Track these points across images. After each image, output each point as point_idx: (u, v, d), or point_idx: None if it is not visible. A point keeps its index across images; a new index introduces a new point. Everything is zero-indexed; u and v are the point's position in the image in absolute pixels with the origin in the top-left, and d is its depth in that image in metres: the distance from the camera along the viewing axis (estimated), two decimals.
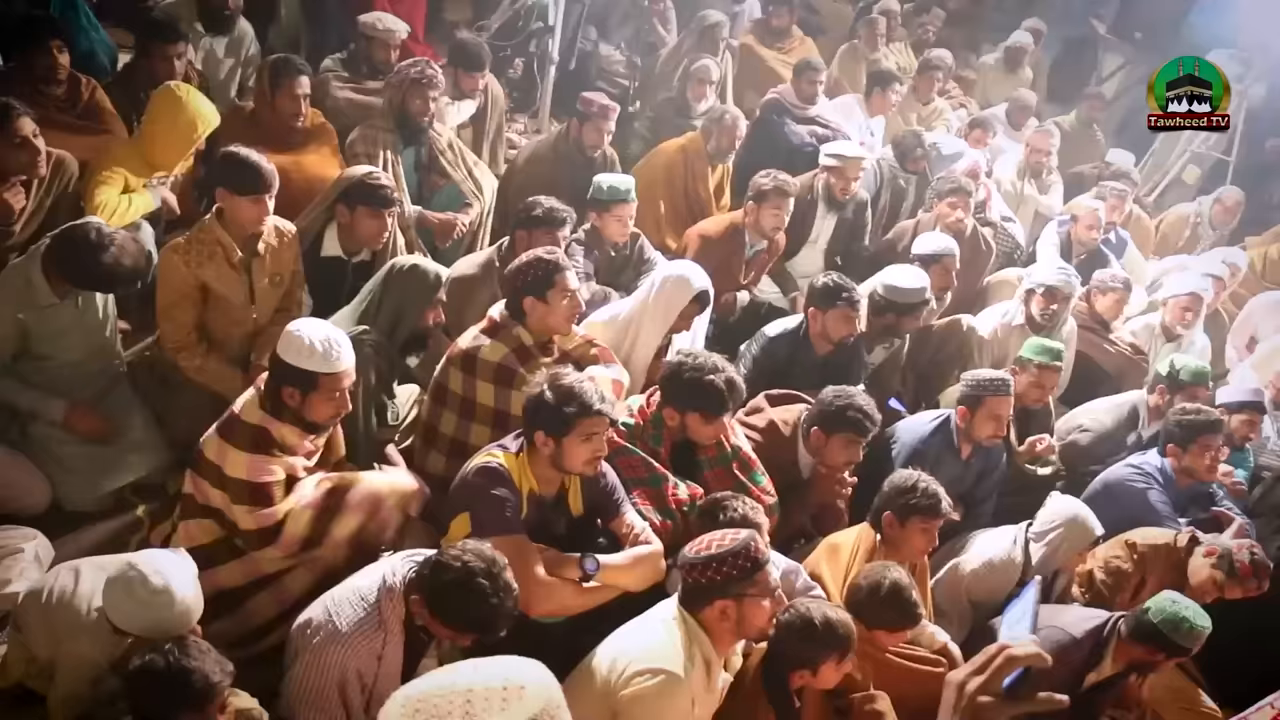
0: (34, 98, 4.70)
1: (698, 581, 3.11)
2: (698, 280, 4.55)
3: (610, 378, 4.14)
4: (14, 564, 3.52)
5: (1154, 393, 5.42)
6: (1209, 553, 4.33)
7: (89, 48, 5.78)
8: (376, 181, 4.62)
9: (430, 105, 5.43)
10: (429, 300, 4.20)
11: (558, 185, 5.41)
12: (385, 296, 4.20)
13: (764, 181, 5.65)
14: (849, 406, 4.16)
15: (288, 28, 6.96)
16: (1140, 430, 5.36)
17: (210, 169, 4.77)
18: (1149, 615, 3.82)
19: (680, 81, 7.21)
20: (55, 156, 4.48)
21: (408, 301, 4.18)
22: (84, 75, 5.09)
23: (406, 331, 4.21)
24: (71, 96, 5.02)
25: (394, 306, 4.18)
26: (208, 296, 4.27)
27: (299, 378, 3.40)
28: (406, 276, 4.20)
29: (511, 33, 7.53)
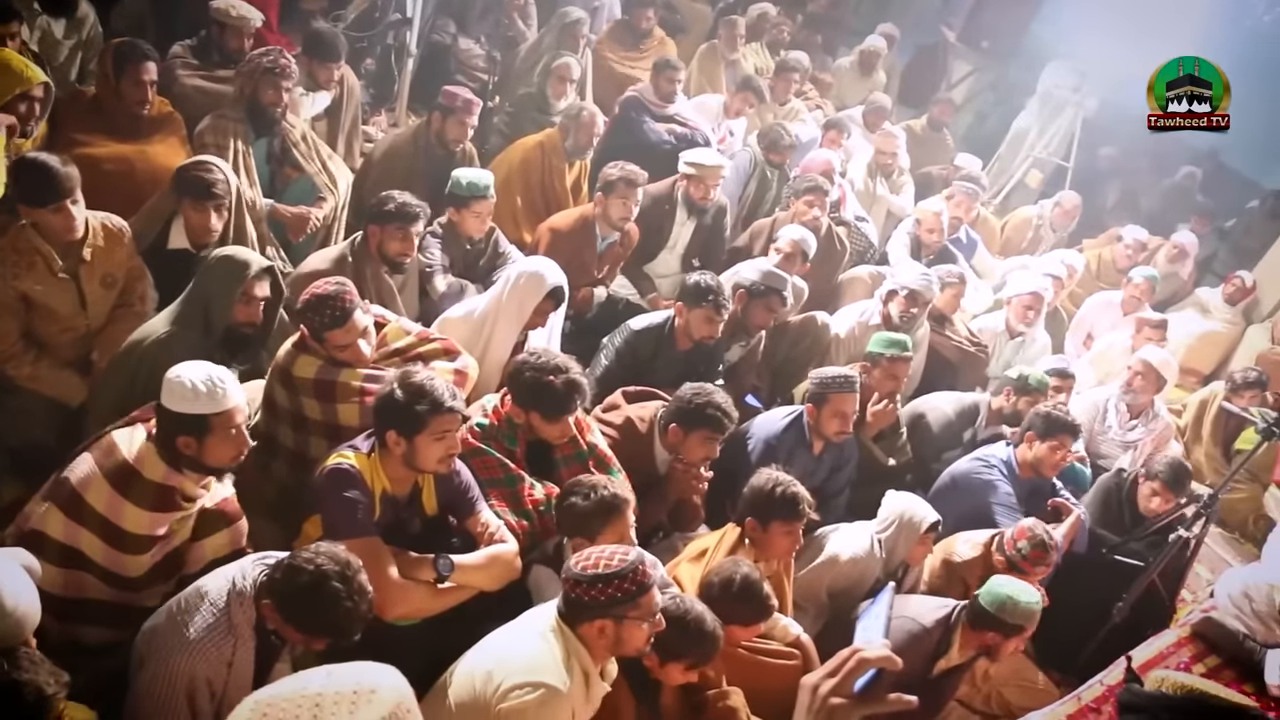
0: None
1: (580, 598, 3.05)
2: (552, 276, 4.55)
3: (452, 368, 4.09)
4: None
5: (1000, 395, 5.63)
6: (999, 563, 4.50)
7: None
8: (198, 172, 4.43)
9: (283, 96, 5.29)
10: (236, 291, 3.93)
11: (415, 179, 5.35)
12: (197, 290, 3.97)
13: (611, 172, 5.67)
14: (708, 404, 4.21)
15: (133, 11, 6.67)
16: (976, 428, 5.55)
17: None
18: (981, 602, 3.98)
19: (540, 77, 7.18)
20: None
21: (217, 294, 3.94)
22: None
23: (219, 326, 3.96)
24: None
25: (204, 300, 3.94)
26: (31, 305, 4.08)
27: (190, 424, 3.21)
28: (215, 266, 3.98)
29: (368, 24, 7.40)
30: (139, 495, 3.26)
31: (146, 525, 3.27)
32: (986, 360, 6.33)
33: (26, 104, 4.47)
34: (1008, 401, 5.54)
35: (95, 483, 3.25)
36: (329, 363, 3.88)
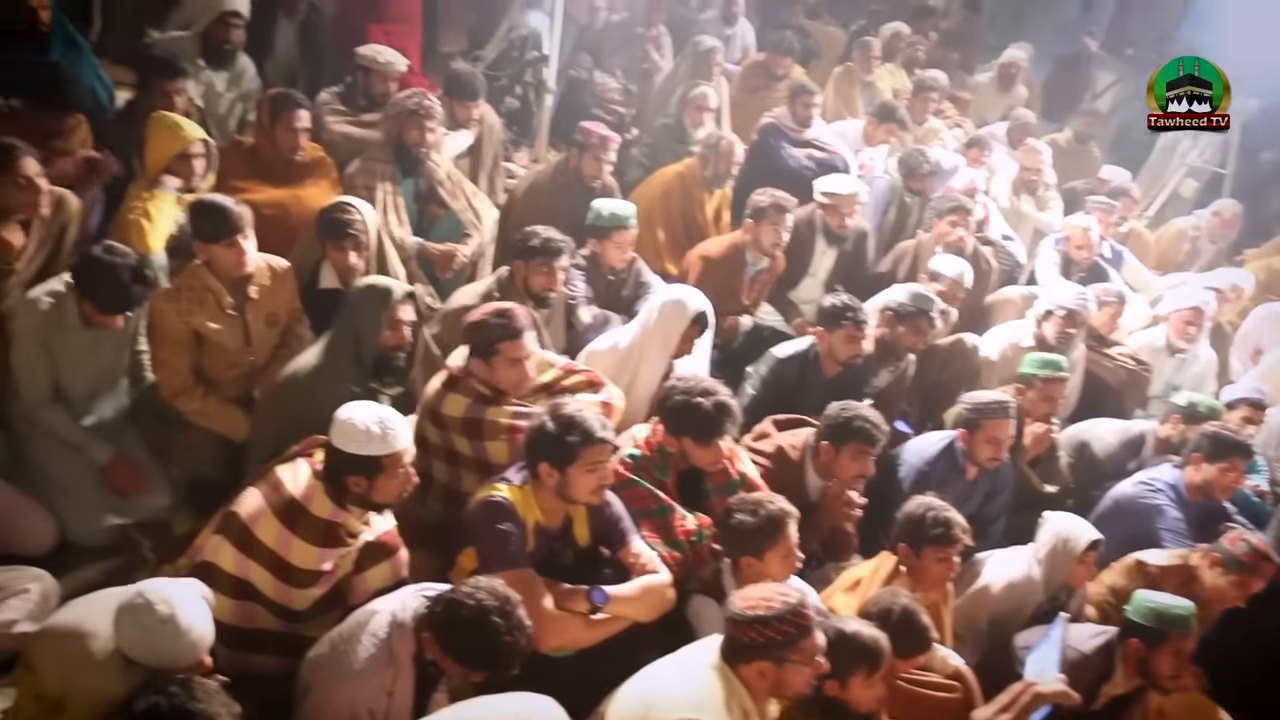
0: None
1: (739, 639, 3.02)
2: (694, 302, 4.55)
3: (598, 401, 4.10)
4: (21, 604, 3.52)
5: (1166, 423, 5.37)
6: (1212, 562, 4.31)
7: (90, 86, 5.79)
8: (336, 214, 4.61)
9: (428, 136, 5.44)
10: (383, 317, 4.06)
11: (557, 214, 5.40)
12: (345, 321, 4.11)
13: (761, 199, 5.69)
14: (856, 417, 4.18)
15: (285, 61, 6.96)
16: (1142, 459, 5.32)
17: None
18: (1127, 614, 3.84)
19: (677, 108, 7.23)
20: (56, 195, 4.48)
21: (365, 323, 4.08)
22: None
23: (370, 354, 4.08)
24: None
25: (354, 330, 4.08)
26: (202, 342, 4.27)
27: (362, 465, 3.31)
28: (361, 297, 4.13)
29: (507, 63, 7.56)
30: (307, 531, 3.35)
31: (314, 560, 3.36)
32: (1149, 380, 6.09)
33: (189, 161, 4.73)
34: (1175, 430, 5.27)
35: (264, 518, 3.36)
36: (477, 401, 3.94)
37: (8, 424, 4.13)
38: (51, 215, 4.45)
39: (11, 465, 4.07)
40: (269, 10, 6.81)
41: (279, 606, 3.40)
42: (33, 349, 4.02)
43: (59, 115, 4.96)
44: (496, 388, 3.95)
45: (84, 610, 3.08)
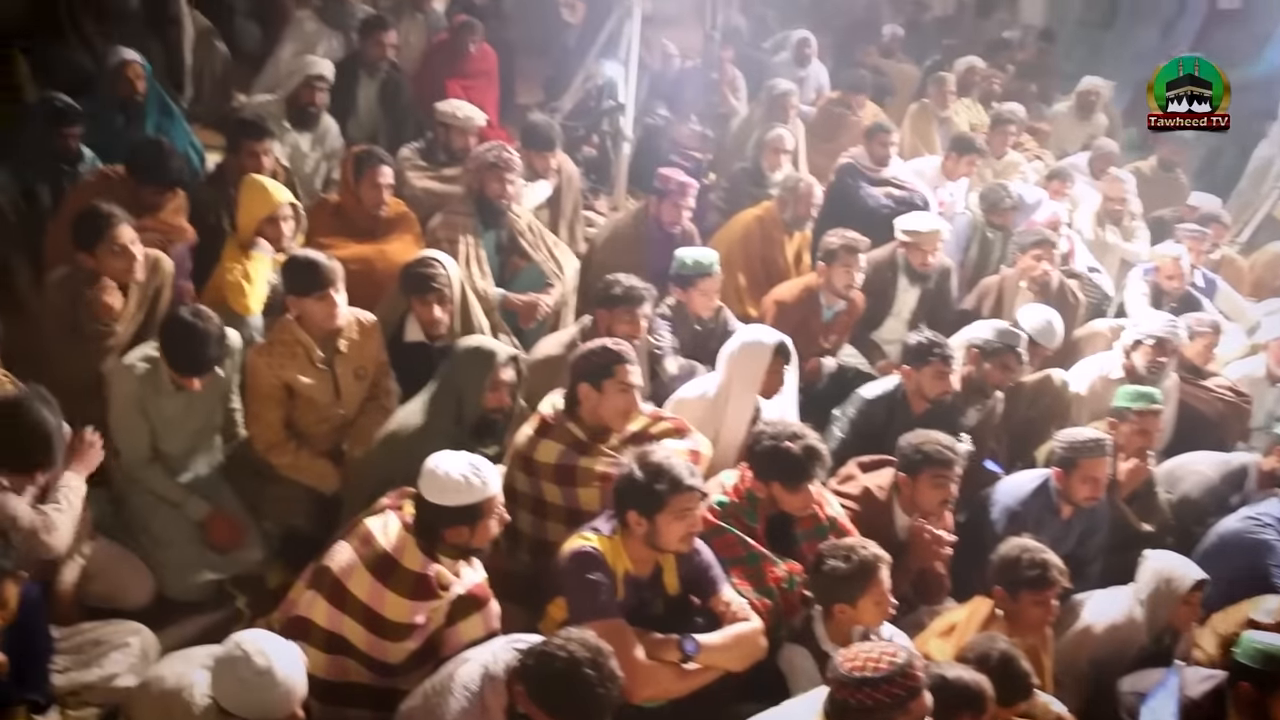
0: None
1: (845, 700, 2.89)
2: (769, 336, 4.57)
3: (686, 448, 4.10)
4: (122, 657, 3.61)
5: (1270, 455, 5.16)
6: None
7: (183, 150, 5.99)
8: (419, 269, 4.67)
9: (508, 188, 5.51)
10: (486, 380, 4.09)
11: (639, 262, 5.44)
12: (448, 381, 4.16)
13: (832, 240, 5.67)
14: (925, 442, 4.17)
15: (367, 119, 7.12)
16: (1245, 493, 5.14)
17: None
18: (1235, 656, 3.67)
19: (754, 151, 7.25)
20: (151, 257, 4.63)
21: (468, 383, 4.11)
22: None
23: (472, 416, 4.12)
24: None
25: (456, 390, 4.12)
26: (293, 395, 4.35)
27: (460, 515, 3.34)
28: (464, 358, 4.16)
29: (583, 112, 7.64)
30: (399, 584, 3.37)
31: (406, 613, 3.37)
32: (1249, 411, 5.91)
33: (278, 224, 4.86)
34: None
35: (357, 572, 3.38)
36: (570, 447, 3.98)
37: (108, 482, 4.23)
38: (146, 278, 4.59)
39: (112, 522, 4.18)
40: (351, 70, 6.99)
41: (372, 660, 3.42)
42: (131, 412, 4.13)
43: (159, 190, 5.11)
44: (598, 426, 4.01)
45: (182, 663, 3.15)
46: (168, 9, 7.21)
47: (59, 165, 5.43)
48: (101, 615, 3.81)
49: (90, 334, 4.44)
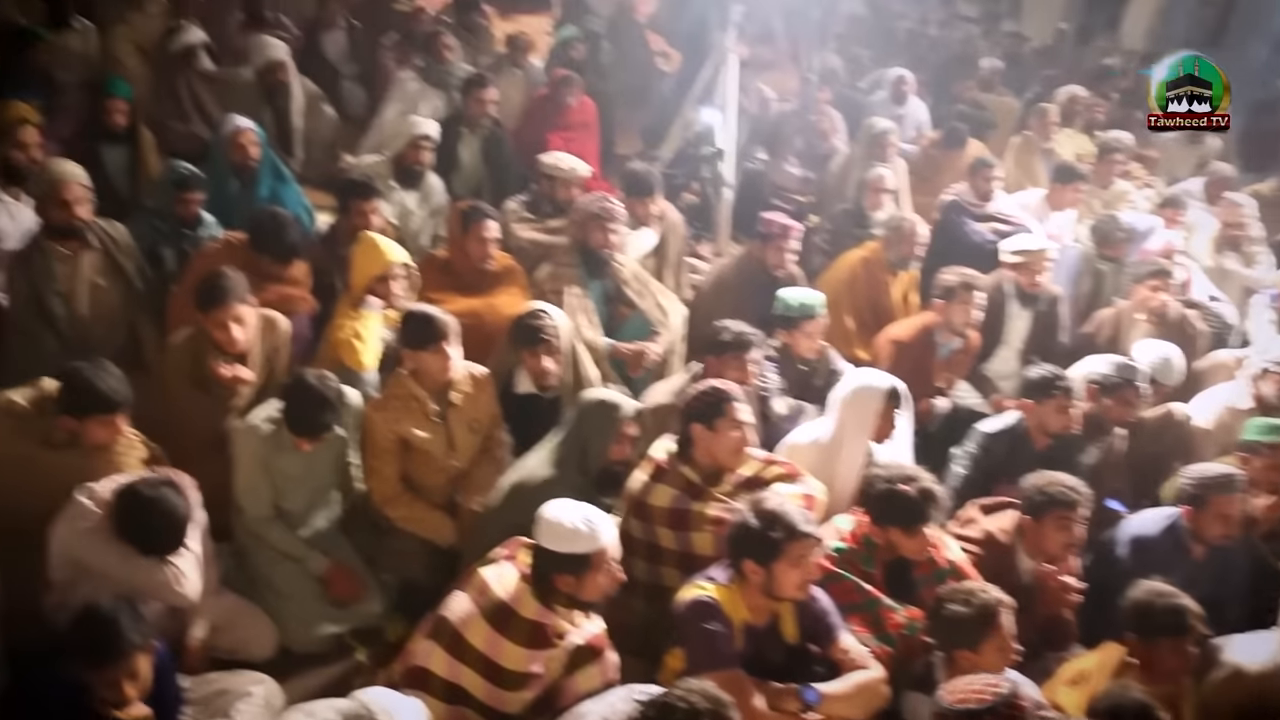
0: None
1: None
2: (881, 380, 4.52)
3: (800, 493, 4.07)
4: (247, 707, 3.64)
5: None
6: None
7: (295, 212, 6.16)
8: (529, 321, 4.72)
9: (612, 238, 5.56)
10: (612, 433, 4.15)
11: (744, 307, 5.42)
12: (574, 432, 4.21)
13: (950, 278, 5.62)
14: (1049, 484, 4.07)
15: (470, 174, 7.25)
16: None
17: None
18: None
19: (856, 192, 7.22)
20: (268, 318, 4.76)
21: (593, 436, 4.15)
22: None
23: (596, 467, 4.16)
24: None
25: (581, 443, 4.17)
26: (409, 449, 4.42)
27: (570, 563, 3.37)
28: (591, 411, 4.21)
29: (683, 160, 7.68)
30: (516, 633, 3.40)
31: (523, 662, 3.39)
32: None
33: (390, 282, 4.95)
34: None
35: (474, 622, 3.42)
36: (684, 492, 4.00)
37: (233, 537, 4.34)
38: (263, 339, 4.71)
39: (237, 575, 4.27)
40: (454, 128, 7.14)
41: (490, 710, 3.44)
42: (255, 470, 4.24)
43: (278, 261, 5.26)
44: (713, 467, 4.03)
45: (305, 717, 3.19)
46: (278, 78, 7.46)
47: (181, 230, 5.63)
48: (227, 666, 3.89)
49: (212, 394, 4.55)
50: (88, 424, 3.94)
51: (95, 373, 3.91)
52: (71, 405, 3.93)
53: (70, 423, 3.95)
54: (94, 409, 3.92)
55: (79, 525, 3.63)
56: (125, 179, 6.46)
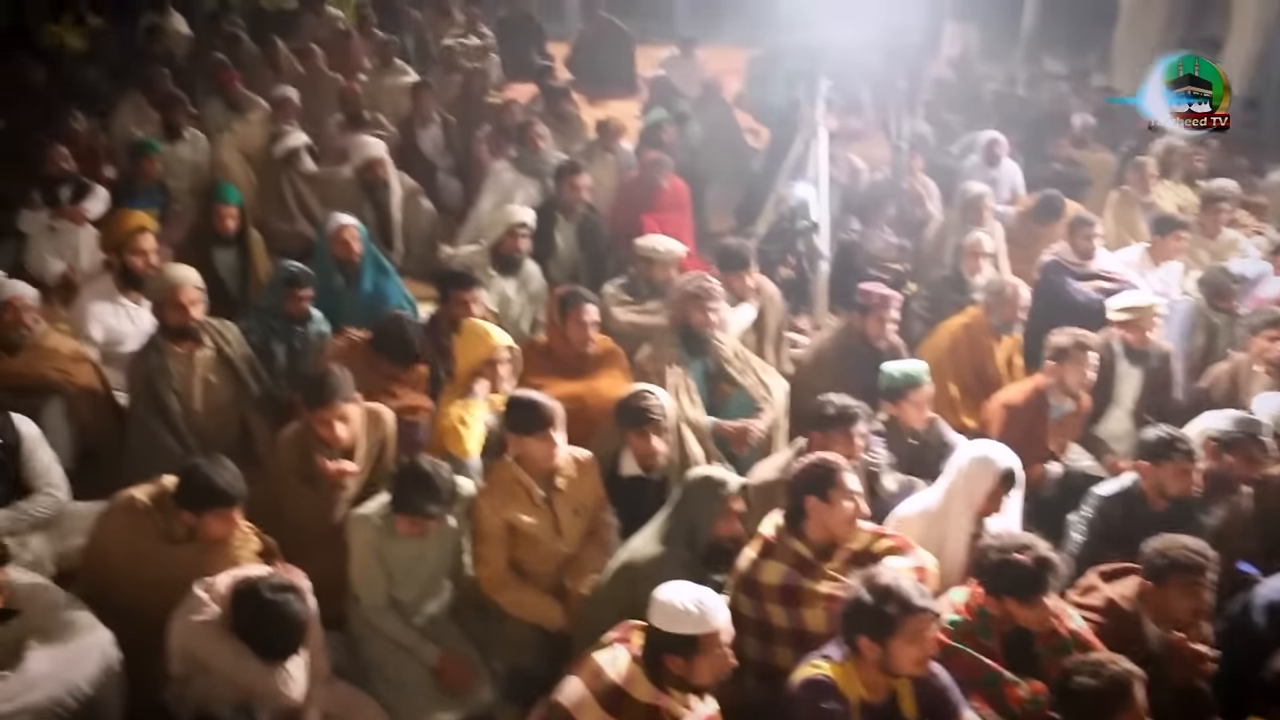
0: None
1: None
2: (1002, 459, 4.41)
3: (911, 566, 4.00)
4: None
5: None
6: None
7: (398, 304, 6.33)
8: (635, 402, 4.74)
9: (711, 316, 5.57)
10: (720, 510, 4.15)
11: (847, 380, 5.39)
12: (681, 510, 4.22)
13: (1061, 339, 5.54)
14: (1171, 546, 3.95)
15: (567, 260, 7.36)
16: None
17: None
18: None
19: (953, 257, 7.17)
20: (374, 412, 4.85)
21: (700, 513, 4.16)
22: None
23: (704, 544, 4.16)
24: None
25: (689, 519, 4.17)
26: (516, 534, 4.45)
27: (680, 644, 3.36)
28: (697, 488, 4.22)
29: (778, 235, 7.69)
30: (630, 716, 3.38)
31: None
32: None
33: (496, 367, 5.03)
34: None
35: (587, 706, 3.41)
36: (794, 567, 3.96)
37: (346, 626, 4.40)
38: (369, 433, 4.81)
39: (349, 664, 4.30)
40: (548, 215, 7.27)
41: None
42: (369, 560, 4.30)
43: (403, 365, 5.40)
44: (824, 541, 4.00)
45: None
46: (378, 175, 7.69)
47: (292, 327, 5.83)
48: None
49: (319, 488, 4.64)
50: (205, 518, 4.07)
51: (212, 468, 4.05)
52: (189, 500, 4.06)
53: (189, 517, 4.08)
54: (211, 503, 4.05)
55: (196, 619, 3.72)
56: (236, 280, 6.72)
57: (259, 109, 9.60)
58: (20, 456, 4.71)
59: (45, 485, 4.74)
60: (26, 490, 4.69)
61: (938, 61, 13.76)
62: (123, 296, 6.11)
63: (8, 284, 5.52)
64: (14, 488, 4.66)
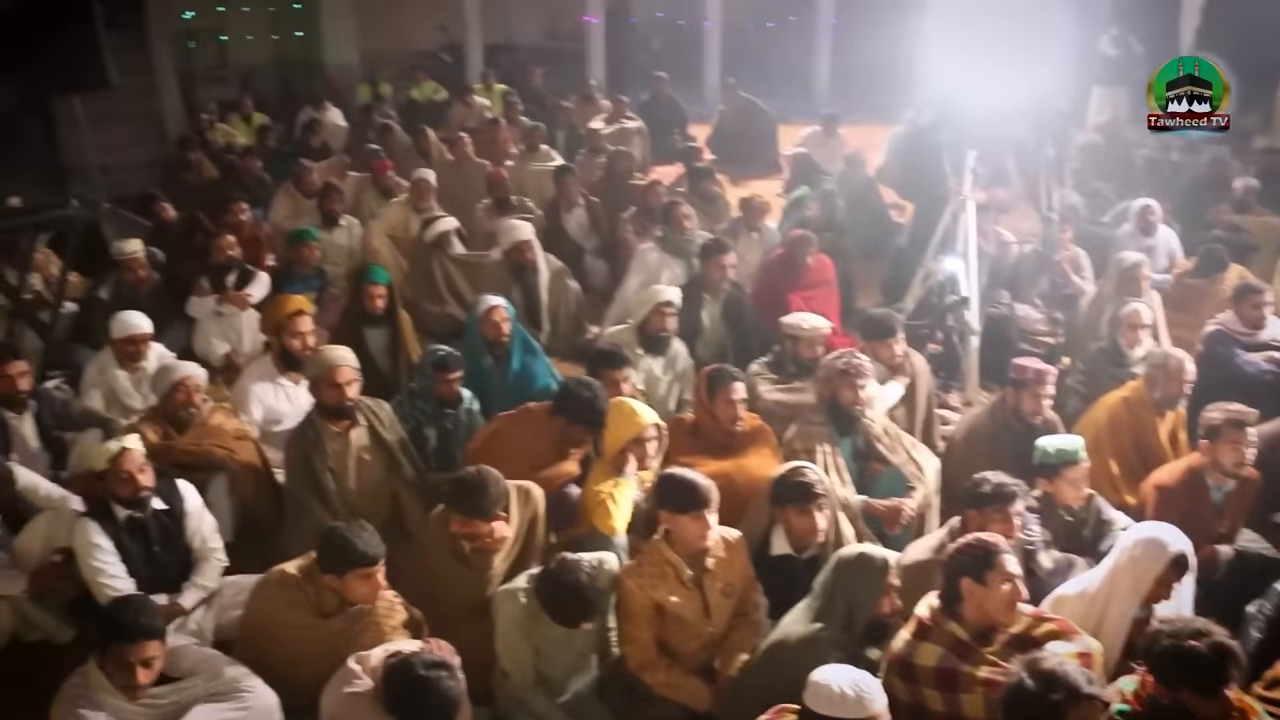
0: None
1: None
2: (1175, 542, 4.21)
3: (1076, 651, 3.84)
4: None
5: None
6: None
7: (544, 384, 6.43)
8: (796, 478, 4.68)
9: (860, 394, 5.50)
10: (880, 587, 4.08)
11: (1000, 457, 5.27)
12: (836, 588, 4.14)
13: (1214, 415, 5.29)
14: None
15: (713, 338, 7.38)
16: None
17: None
18: None
19: (1109, 329, 6.95)
20: (523, 489, 4.90)
21: (859, 591, 4.09)
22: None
23: (863, 622, 4.09)
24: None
25: (846, 598, 4.10)
26: (663, 614, 4.43)
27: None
28: (854, 565, 4.15)
29: (926, 310, 7.60)
30: None
31: None
32: None
33: (644, 444, 5.08)
34: None
35: None
36: (951, 650, 3.84)
37: (491, 701, 4.43)
38: (520, 509, 4.85)
39: None
40: (694, 293, 7.31)
41: None
42: (517, 637, 4.32)
43: (584, 429, 5.42)
44: (983, 624, 3.87)
45: None
46: (525, 257, 7.86)
47: (443, 409, 5.97)
48: None
49: (471, 562, 4.69)
50: (348, 580, 4.18)
51: (350, 530, 4.19)
52: (330, 563, 4.19)
53: (332, 580, 4.20)
54: (351, 564, 4.16)
55: (349, 691, 3.79)
56: (386, 358, 6.98)
57: (403, 192, 9.97)
58: (186, 523, 4.97)
59: (211, 551, 5.02)
60: (189, 553, 4.95)
61: (1086, 128, 13.52)
62: (281, 377, 6.38)
63: (180, 365, 5.83)
64: (182, 555, 4.94)
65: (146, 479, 4.82)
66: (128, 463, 4.77)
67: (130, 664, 3.83)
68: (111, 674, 3.86)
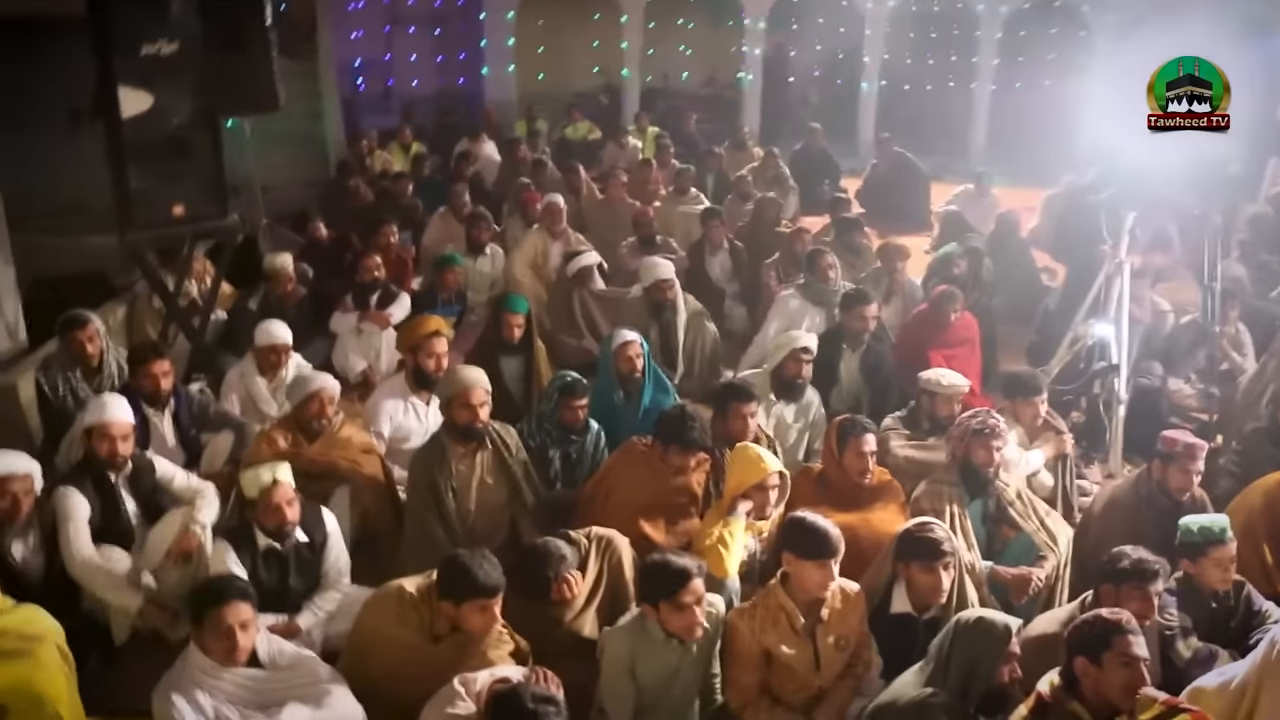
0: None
1: None
2: None
3: None
4: None
5: None
6: None
7: None
8: (924, 534, 4.57)
9: (995, 455, 5.35)
10: (1000, 654, 3.92)
11: (1141, 532, 5.03)
12: (953, 653, 3.99)
13: None
14: None
15: (849, 389, 7.25)
16: None
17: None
18: None
19: (1270, 409, 6.59)
20: (605, 539, 4.89)
21: (977, 657, 3.93)
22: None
23: (981, 689, 3.92)
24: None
25: (964, 663, 3.95)
26: (771, 661, 4.35)
27: None
28: (973, 630, 4.00)
29: (1073, 375, 7.34)
30: None
31: None
32: None
33: (766, 491, 5.01)
34: None
35: None
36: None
37: None
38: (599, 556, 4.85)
39: None
40: (833, 343, 7.21)
41: None
42: (621, 675, 4.26)
43: (687, 451, 5.46)
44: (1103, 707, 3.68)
45: None
46: (665, 295, 7.86)
47: (568, 434, 6.02)
48: None
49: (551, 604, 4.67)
50: (464, 610, 4.17)
51: (472, 559, 4.17)
52: (449, 590, 4.19)
53: (448, 608, 4.19)
54: (470, 594, 4.15)
55: (451, 712, 3.77)
56: (520, 386, 7.04)
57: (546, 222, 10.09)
58: (325, 554, 5.06)
59: (337, 579, 5.10)
60: (319, 579, 5.05)
61: (1258, 199, 12.93)
62: (413, 395, 6.47)
63: (316, 377, 5.97)
64: (314, 582, 5.04)
65: (293, 513, 4.91)
66: (278, 495, 4.86)
67: (228, 628, 3.92)
68: (210, 648, 3.96)
